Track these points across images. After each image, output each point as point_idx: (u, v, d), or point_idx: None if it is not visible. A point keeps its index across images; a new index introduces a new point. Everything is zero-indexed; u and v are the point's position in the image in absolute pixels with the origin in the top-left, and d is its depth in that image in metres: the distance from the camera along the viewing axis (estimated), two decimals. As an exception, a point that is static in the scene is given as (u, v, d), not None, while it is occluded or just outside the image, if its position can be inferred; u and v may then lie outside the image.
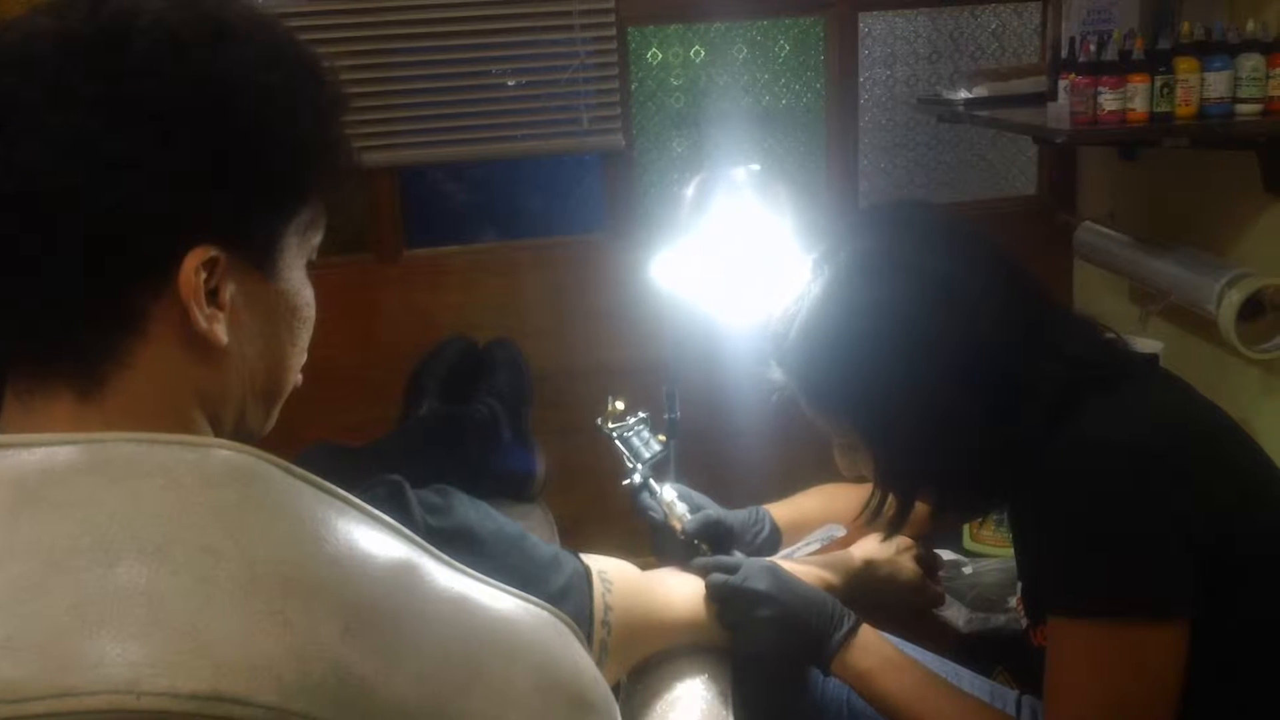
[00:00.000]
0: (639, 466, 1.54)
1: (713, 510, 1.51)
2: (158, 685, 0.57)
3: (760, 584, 1.31)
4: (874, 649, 1.30)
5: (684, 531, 1.47)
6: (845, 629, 1.30)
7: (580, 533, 2.39)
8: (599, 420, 1.59)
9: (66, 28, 0.71)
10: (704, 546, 1.46)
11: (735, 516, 1.55)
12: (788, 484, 2.70)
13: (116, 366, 0.71)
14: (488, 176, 3.10)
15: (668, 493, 1.51)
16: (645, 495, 1.54)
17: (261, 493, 0.67)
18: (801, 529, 1.58)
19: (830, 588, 1.40)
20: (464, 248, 2.78)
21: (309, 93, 0.78)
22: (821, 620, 1.30)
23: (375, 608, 0.66)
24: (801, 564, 1.44)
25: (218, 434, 0.77)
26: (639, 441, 1.57)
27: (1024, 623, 1.29)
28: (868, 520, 1.29)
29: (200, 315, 0.72)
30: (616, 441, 1.56)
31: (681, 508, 1.50)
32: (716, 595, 1.32)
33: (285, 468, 0.69)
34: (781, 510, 1.62)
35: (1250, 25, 2.07)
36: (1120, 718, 1.08)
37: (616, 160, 2.63)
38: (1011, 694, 1.49)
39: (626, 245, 2.59)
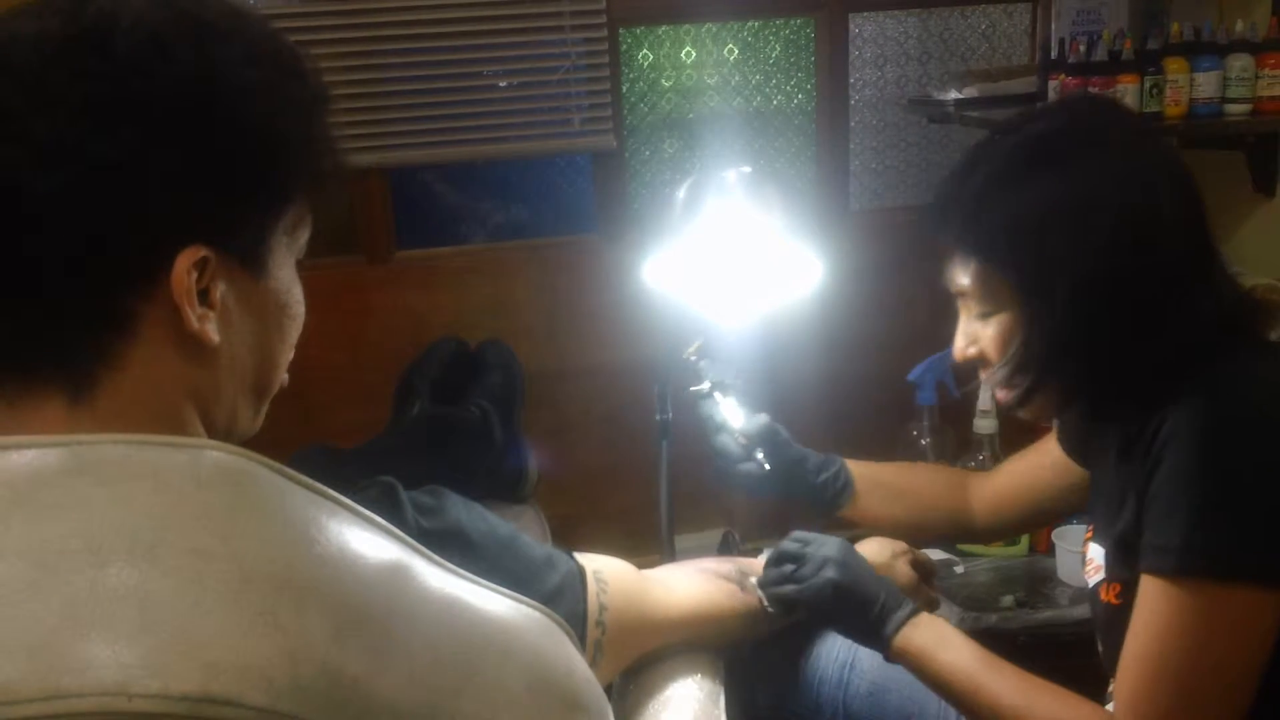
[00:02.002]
0: (708, 378, 1.57)
1: (771, 422, 1.54)
2: (148, 687, 0.57)
3: (831, 551, 1.34)
4: (932, 629, 1.30)
5: (742, 433, 1.50)
6: (907, 610, 1.31)
7: (573, 533, 2.39)
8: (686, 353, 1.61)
9: (48, 30, 0.71)
10: (760, 456, 1.50)
11: (806, 452, 1.57)
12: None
13: (108, 368, 0.71)
14: (479, 177, 3.10)
15: (727, 403, 1.55)
16: (709, 402, 1.57)
17: (252, 494, 0.67)
18: (875, 490, 1.57)
19: None
20: (455, 249, 2.78)
21: (292, 90, 0.78)
22: (889, 598, 1.31)
23: (367, 609, 0.66)
24: None
25: (209, 433, 0.77)
26: (712, 365, 1.60)
27: (1093, 576, 1.27)
28: (1007, 404, 1.24)
29: (192, 315, 0.72)
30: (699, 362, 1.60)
31: (741, 415, 1.53)
32: (787, 554, 1.35)
33: (276, 469, 0.69)
34: (859, 468, 1.60)
35: (1239, 26, 2.09)
36: (1201, 683, 1.07)
37: (608, 161, 2.63)
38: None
39: (618, 246, 2.59)
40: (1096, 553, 1.27)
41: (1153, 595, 1.09)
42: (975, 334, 1.25)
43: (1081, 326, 1.14)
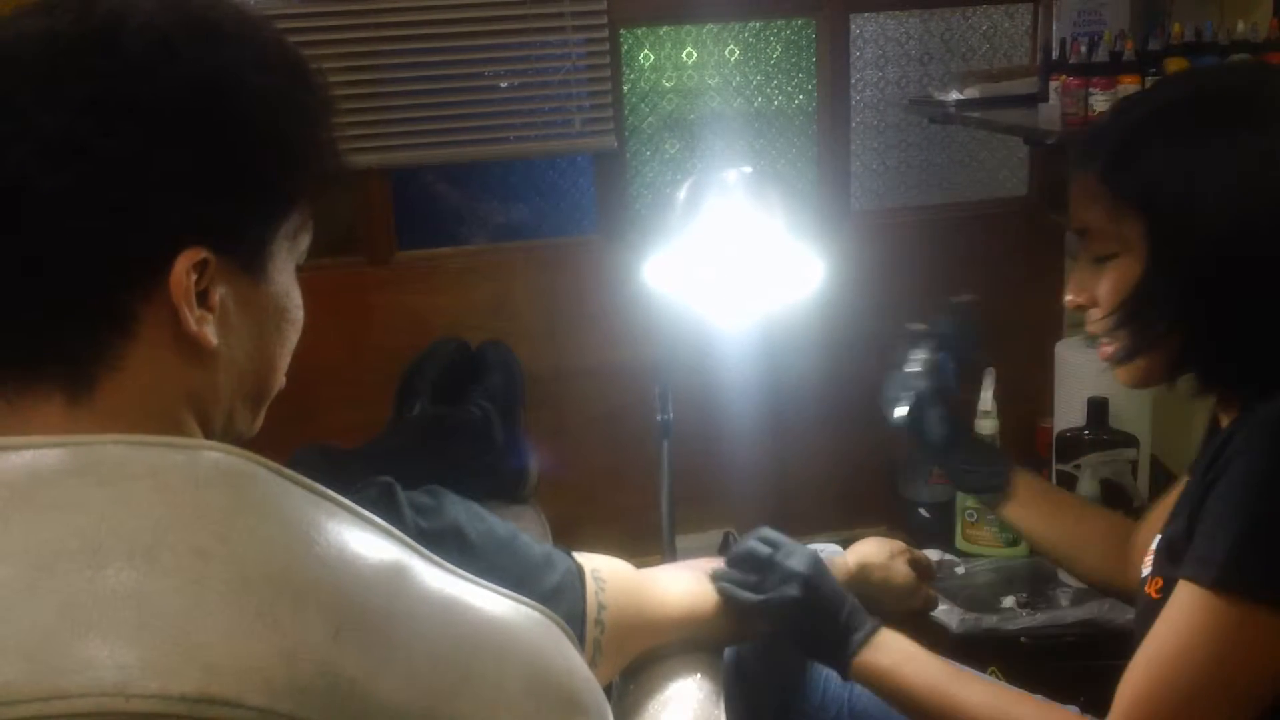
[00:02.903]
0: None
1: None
2: (147, 688, 0.57)
3: (797, 564, 1.31)
4: (893, 647, 1.29)
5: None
6: (866, 629, 1.29)
7: (573, 533, 2.39)
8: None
9: (56, 28, 0.71)
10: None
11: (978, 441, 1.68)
12: (779, 482, 2.71)
13: (106, 368, 0.71)
14: (480, 178, 3.10)
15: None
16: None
17: (251, 494, 0.67)
18: (1034, 501, 1.54)
19: None
20: (456, 249, 2.78)
21: (299, 95, 0.78)
22: (850, 617, 1.29)
23: (365, 609, 0.66)
24: None
25: (207, 435, 0.77)
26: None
27: (1145, 570, 1.23)
28: (1110, 359, 1.19)
29: (191, 317, 0.72)
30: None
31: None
32: (752, 562, 1.33)
33: (275, 469, 0.69)
34: (1029, 477, 1.57)
35: (1240, 26, 2.08)
36: (1206, 697, 1.05)
37: (609, 162, 2.63)
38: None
39: (619, 247, 2.59)
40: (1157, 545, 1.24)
41: (1185, 602, 1.06)
42: (1087, 280, 1.19)
43: (1208, 284, 1.09)
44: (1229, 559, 1.02)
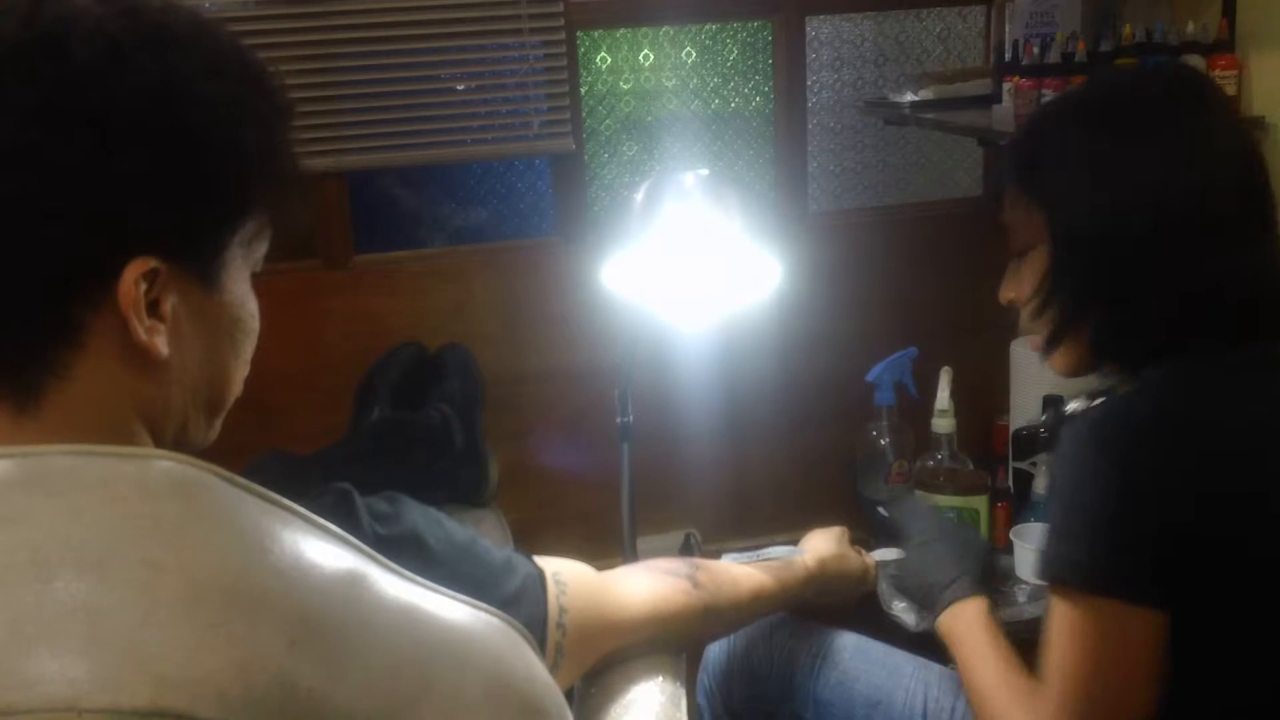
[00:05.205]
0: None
1: None
2: (98, 702, 0.57)
3: (920, 532, 1.53)
4: (965, 618, 1.38)
5: None
6: (949, 596, 1.41)
7: (534, 536, 2.38)
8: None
9: (2, 34, 0.70)
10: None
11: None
12: (739, 483, 2.71)
13: (54, 378, 0.70)
14: (438, 181, 3.09)
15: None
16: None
17: (203, 504, 0.66)
18: None
19: (787, 590, 1.43)
20: (414, 253, 2.76)
21: (253, 102, 0.77)
22: (940, 580, 1.44)
23: (322, 619, 0.65)
24: (757, 568, 1.45)
25: (159, 445, 0.76)
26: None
27: None
28: (1043, 349, 1.29)
29: (140, 327, 0.71)
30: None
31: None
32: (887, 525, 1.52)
33: (228, 478, 0.68)
34: None
35: (1190, 27, 2.11)
36: (1088, 693, 1.10)
37: (566, 164, 2.63)
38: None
39: (577, 250, 2.58)
40: None
41: (1050, 606, 1.15)
42: (1014, 277, 1.30)
43: (1100, 268, 1.19)
44: (1052, 556, 1.13)
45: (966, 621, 1.37)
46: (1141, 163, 1.17)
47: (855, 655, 1.52)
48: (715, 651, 1.57)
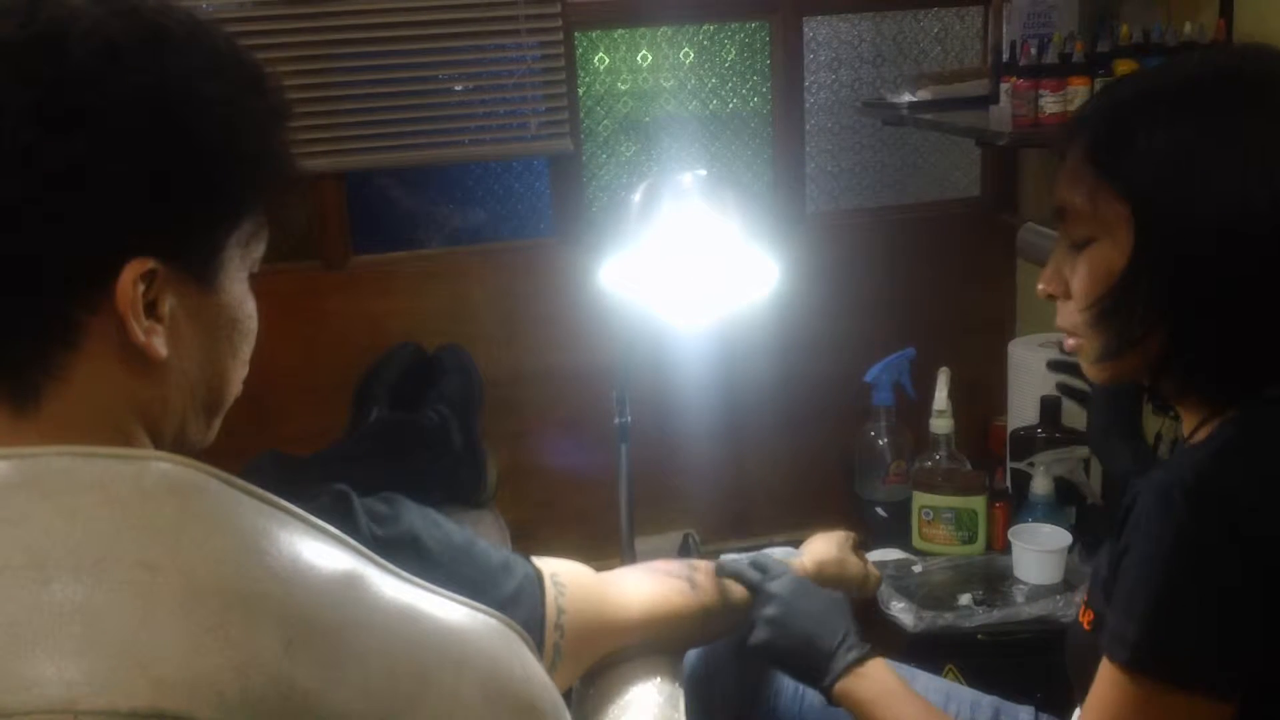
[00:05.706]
0: None
1: None
2: (95, 704, 0.57)
3: (780, 588, 1.34)
4: (878, 679, 1.28)
5: None
6: (852, 656, 1.29)
7: (533, 537, 2.39)
8: None
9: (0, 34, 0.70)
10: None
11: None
12: (737, 483, 2.72)
13: (51, 380, 0.70)
14: (436, 182, 3.08)
15: None
16: None
17: (200, 505, 0.66)
18: None
19: None
20: (412, 253, 2.76)
21: (251, 103, 0.77)
22: (828, 641, 1.30)
23: (319, 620, 0.65)
24: None
25: (157, 446, 0.76)
26: None
27: (1078, 600, 1.20)
28: (1095, 357, 1.10)
29: (138, 328, 0.71)
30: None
31: None
32: (743, 579, 1.37)
33: (225, 479, 0.68)
34: None
35: (1187, 27, 2.11)
36: None
37: (565, 165, 2.63)
38: (968, 693, 1.51)
39: (575, 250, 2.59)
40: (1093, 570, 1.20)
41: (1107, 679, 1.03)
42: (1062, 268, 1.10)
43: (1198, 279, 1.00)
44: (1139, 641, 0.99)
45: (881, 686, 1.27)
46: (1269, 159, 0.99)
47: None
48: (704, 655, 1.53)
